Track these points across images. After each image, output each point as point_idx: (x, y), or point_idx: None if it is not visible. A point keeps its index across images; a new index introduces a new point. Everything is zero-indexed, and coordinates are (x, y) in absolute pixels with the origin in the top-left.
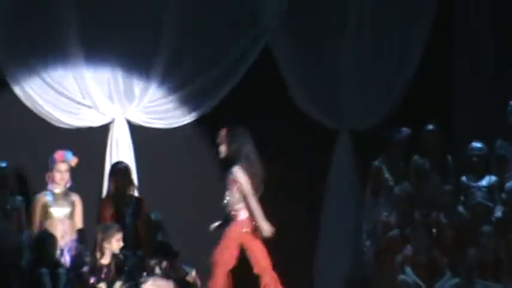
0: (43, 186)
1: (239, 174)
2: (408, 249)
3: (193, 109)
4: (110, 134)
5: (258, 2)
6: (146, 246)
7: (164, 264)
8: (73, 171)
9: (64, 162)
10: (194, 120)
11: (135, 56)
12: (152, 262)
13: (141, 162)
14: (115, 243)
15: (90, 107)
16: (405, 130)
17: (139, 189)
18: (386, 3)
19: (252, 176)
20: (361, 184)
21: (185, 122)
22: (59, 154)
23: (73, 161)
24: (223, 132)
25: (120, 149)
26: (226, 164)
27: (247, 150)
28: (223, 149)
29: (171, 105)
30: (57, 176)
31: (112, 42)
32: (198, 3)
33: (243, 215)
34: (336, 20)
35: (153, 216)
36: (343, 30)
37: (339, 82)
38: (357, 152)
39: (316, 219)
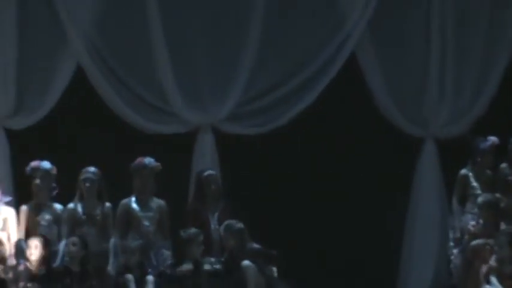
0: (128, 193)
1: None
2: (494, 259)
3: (277, 117)
4: (196, 140)
5: (344, 9)
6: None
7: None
8: (158, 177)
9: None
10: (278, 128)
11: (220, 63)
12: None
13: (226, 169)
14: (195, 248)
15: (174, 113)
16: (491, 139)
17: (225, 196)
18: (472, 10)
19: None
20: (447, 192)
21: (269, 129)
22: None
23: (157, 167)
24: None
25: (206, 156)
26: None
27: None
28: None
29: (255, 112)
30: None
31: (197, 48)
32: (283, 10)
33: None
34: (421, 27)
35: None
36: (428, 38)
37: (424, 89)
38: (443, 160)
39: (402, 227)
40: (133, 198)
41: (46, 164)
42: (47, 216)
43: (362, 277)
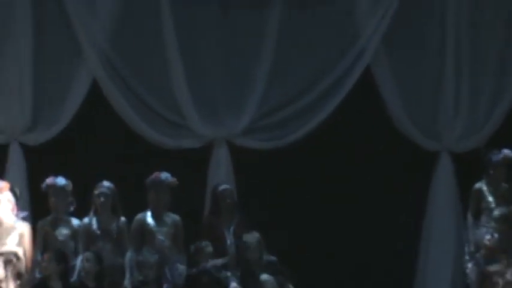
0: (143, 208)
1: None
2: (509, 274)
3: (292, 131)
4: (211, 154)
5: (359, 22)
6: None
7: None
8: (173, 192)
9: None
10: (293, 142)
11: (235, 77)
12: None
13: (240, 183)
14: (206, 259)
15: (189, 128)
16: (504, 152)
17: (240, 209)
18: (486, 23)
19: None
20: (462, 206)
21: (284, 143)
22: None
23: (173, 182)
24: None
25: (221, 170)
26: None
27: None
28: None
29: (270, 127)
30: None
31: (212, 62)
32: (299, 24)
33: None
34: (435, 40)
35: (252, 237)
36: (443, 50)
37: (439, 103)
38: (458, 173)
39: (417, 241)
40: (148, 213)
41: (61, 181)
42: (64, 232)
43: None
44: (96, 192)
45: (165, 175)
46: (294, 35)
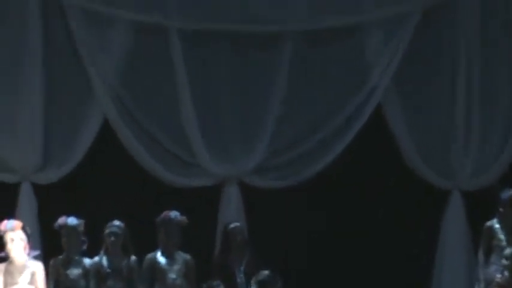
0: (155, 247)
1: None
2: None
3: (303, 169)
4: (222, 193)
5: (369, 60)
6: None
7: None
8: (184, 230)
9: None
10: (304, 182)
11: (245, 116)
12: None
13: (251, 221)
14: None
15: (200, 166)
16: None
17: (250, 248)
18: (498, 59)
19: None
20: (473, 244)
21: (295, 182)
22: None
23: (183, 221)
24: None
25: (232, 208)
26: None
27: None
28: None
29: (282, 165)
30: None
31: (223, 102)
32: (309, 63)
33: None
34: (446, 77)
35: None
36: (454, 87)
37: (451, 140)
38: (470, 211)
39: (428, 279)
40: (158, 252)
41: (72, 221)
42: (76, 271)
43: None
44: (106, 231)
45: (174, 213)
46: (305, 73)
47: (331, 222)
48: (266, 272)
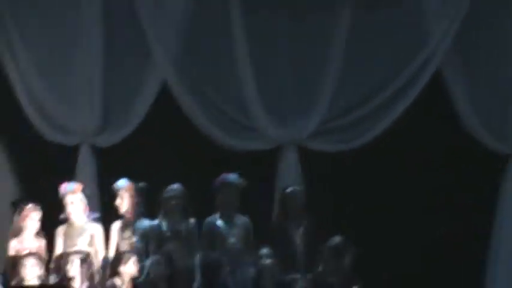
0: (213, 210)
1: None
2: None
3: (361, 134)
4: (280, 157)
5: (429, 22)
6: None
7: None
8: (242, 194)
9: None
10: (362, 145)
11: (304, 80)
12: None
13: (309, 185)
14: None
15: (258, 130)
16: None
17: (309, 212)
18: None
19: None
20: None
21: (353, 146)
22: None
23: (240, 184)
24: None
25: (289, 172)
26: None
27: None
28: None
29: (340, 129)
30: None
31: (282, 65)
32: (368, 26)
33: None
34: (507, 42)
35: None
36: None
37: (510, 105)
38: None
39: (485, 249)
40: (217, 216)
41: (131, 183)
42: (134, 233)
43: None
44: (167, 195)
45: (232, 176)
46: (363, 37)
47: (389, 186)
48: (338, 238)
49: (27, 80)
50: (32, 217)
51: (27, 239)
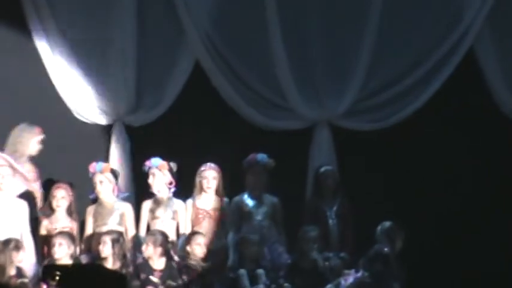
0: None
1: None
2: None
3: (394, 112)
4: (313, 136)
5: (462, 1)
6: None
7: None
8: (275, 173)
9: None
10: (396, 124)
11: (337, 59)
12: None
13: (343, 165)
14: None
15: (291, 109)
16: None
17: (342, 191)
18: None
19: None
20: None
21: (387, 125)
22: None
23: (269, 164)
24: None
25: (323, 151)
26: None
27: None
28: None
29: (373, 108)
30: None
31: (315, 44)
32: (401, 5)
33: None
34: None
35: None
36: None
37: None
38: None
39: None
40: (245, 195)
41: (158, 161)
42: (166, 212)
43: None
44: (203, 174)
45: (261, 156)
46: (396, 16)
47: (423, 163)
48: (389, 223)
49: (62, 61)
50: (64, 196)
51: (59, 218)
